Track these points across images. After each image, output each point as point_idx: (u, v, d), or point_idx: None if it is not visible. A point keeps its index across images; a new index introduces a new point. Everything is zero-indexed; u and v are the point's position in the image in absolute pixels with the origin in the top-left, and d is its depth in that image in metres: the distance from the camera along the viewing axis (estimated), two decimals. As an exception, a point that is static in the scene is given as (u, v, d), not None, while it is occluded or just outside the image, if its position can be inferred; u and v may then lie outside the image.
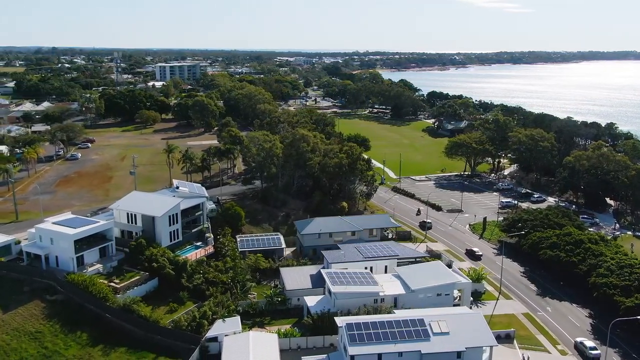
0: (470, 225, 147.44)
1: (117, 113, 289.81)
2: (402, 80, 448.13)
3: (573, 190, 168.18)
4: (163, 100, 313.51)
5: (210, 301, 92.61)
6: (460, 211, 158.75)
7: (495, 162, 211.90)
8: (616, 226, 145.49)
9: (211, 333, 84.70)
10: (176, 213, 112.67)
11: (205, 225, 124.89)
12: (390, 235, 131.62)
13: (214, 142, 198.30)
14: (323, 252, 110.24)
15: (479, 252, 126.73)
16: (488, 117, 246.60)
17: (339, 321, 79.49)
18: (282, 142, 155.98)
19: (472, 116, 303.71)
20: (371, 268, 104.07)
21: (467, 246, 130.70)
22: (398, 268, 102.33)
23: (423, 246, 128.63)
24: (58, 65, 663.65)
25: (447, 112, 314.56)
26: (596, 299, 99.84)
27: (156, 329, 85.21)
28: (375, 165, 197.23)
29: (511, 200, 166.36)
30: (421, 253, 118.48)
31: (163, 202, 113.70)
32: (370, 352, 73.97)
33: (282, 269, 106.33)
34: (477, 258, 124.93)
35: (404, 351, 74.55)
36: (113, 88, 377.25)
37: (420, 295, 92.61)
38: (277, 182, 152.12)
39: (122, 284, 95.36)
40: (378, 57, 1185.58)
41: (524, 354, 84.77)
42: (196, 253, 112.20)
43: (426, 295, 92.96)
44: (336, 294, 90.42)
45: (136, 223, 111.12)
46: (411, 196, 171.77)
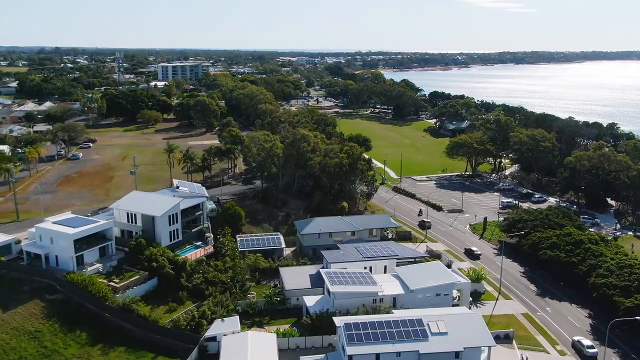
0: (470, 225, 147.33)
1: (119, 113, 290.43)
2: (404, 80, 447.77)
3: (574, 190, 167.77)
4: (165, 100, 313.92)
5: (209, 301, 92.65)
6: (460, 211, 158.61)
7: (496, 162, 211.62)
8: (617, 226, 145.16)
9: (210, 333, 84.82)
10: (176, 213, 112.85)
11: (205, 225, 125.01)
12: (390, 235, 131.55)
13: (216, 142, 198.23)
14: (322, 252, 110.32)
15: (478, 252, 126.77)
16: (489, 117, 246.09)
17: (338, 321, 79.50)
18: (283, 142, 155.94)
19: (474, 116, 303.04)
20: (370, 268, 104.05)
21: (467, 246, 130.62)
22: (397, 268, 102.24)
23: (423, 246, 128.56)
24: (61, 65, 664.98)
25: (449, 112, 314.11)
26: (596, 300, 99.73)
27: (155, 329, 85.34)
28: (376, 165, 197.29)
29: (512, 200, 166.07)
30: (421, 253, 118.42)
31: (163, 202, 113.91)
32: (368, 352, 73.97)
33: (282, 269, 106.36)
34: (476, 257, 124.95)
35: (402, 351, 74.55)
36: (115, 88, 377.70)
37: (419, 295, 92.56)
38: (278, 182, 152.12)
39: (122, 284, 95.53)
40: (380, 57, 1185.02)
41: (523, 354, 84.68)
42: (196, 253, 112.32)
43: (425, 295, 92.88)
44: (335, 294, 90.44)
45: (136, 223, 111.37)
46: (412, 196, 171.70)
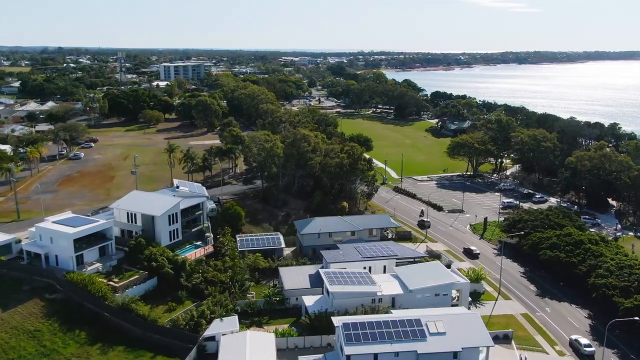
0: (471, 225, 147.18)
1: (121, 113, 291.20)
2: (406, 80, 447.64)
3: (575, 190, 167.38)
4: (167, 100, 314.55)
5: (208, 300, 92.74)
6: (461, 211, 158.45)
7: (497, 163, 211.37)
8: (618, 227, 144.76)
9: (209, 332, 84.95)
10: (176, 212, 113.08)
11: (205, 224, 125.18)
12: (390, 235, 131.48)
13: (217, 142, 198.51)
14: (322, 252, 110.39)
15: (477, 251, 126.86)
16: (490, 117, 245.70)
17: (336, 321, 79.52)
18: (283, 142, 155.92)
19: (476, 116, 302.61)
20: (370, 268, 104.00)
21: (466, 245, 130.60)
22: (396, 268, 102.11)
23: (423, 246, 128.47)
24: (63, 65, 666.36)
25: (451, 112, 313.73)
26: (595, 300, 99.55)
27: (154, 328, 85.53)
28: (377, 165, 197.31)
29: (513, 200, 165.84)
30: (420, 253, 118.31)
31: (163, 202, 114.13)
32: (366, 352, 73.98)
33: (281, 269, 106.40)
34: (475, 256, 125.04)
35: (400, 351, 74.52)
36: (117, 88, 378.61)
37: (418, 295, 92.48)
38: (278, 182, 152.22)
39: (121, 283, 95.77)
40: (383, 57, 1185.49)
41: (522, 355, 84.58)
42: (195, 252, 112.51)
43: (424, 295, 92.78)
44: (334, 294, 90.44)
45: (136, 222, 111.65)
46: (412, 196, 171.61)
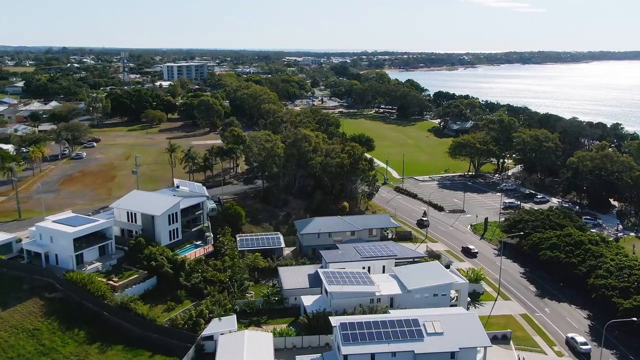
0: (471, 225, 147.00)
1: (124, 112, 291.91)
2: (409, 80, 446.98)
3: (576, 191, 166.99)
4: (169, 100, 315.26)
5: (207, 300, 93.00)
6: (462, 211, 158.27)
7: (499, 163, 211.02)
8: (619, 227, 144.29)
9: (207, 332, 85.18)
10: (176, 212, 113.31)
11: (205, 224, 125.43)
12: (390, 235, 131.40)
13: (219, 142, 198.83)
14: (321, 252, 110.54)
15: (475, 250, 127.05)
16: (493, 117, 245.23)
17: (334, 321, 79.66)
18: (284, 142, 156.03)
19: (478, 116, 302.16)
20: (369, 268, 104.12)
21: (464, 244, 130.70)
22: (395, 268, 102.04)
23: (423, 246, 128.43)
24: (67, 65, 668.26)
25: (453, 112, 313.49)
26: (595, 301, 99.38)
27: (153, 327, 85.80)
28: (378, 165, 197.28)
29: (514, 200, 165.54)
30: (420, 253, 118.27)
31: (163, 201, 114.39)
32: (363, 352, 74.08)
33: (281, 268, 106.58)
34: (473, 255, 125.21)
35: (398, 351, 74.60)
36: (120, 88, 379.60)
37: (416, 295, 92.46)
38: (279, 182, 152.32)
39: (121, 282, 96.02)
40: (386, 57, 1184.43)
41: (520, 355, 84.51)
42: (195, 252, 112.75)
43: (422, 295, 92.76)
44: (332, 294, 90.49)
45: (136, 222, 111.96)
46: (413, 196, 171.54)
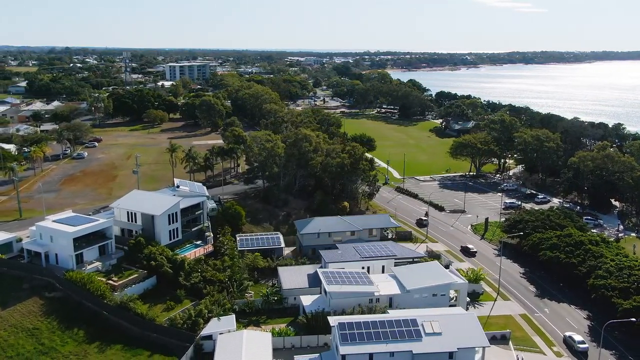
0: (472, 225, 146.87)
1: (126, 112, 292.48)
2: (411, 80, 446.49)
3: (578, 191, 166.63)
4: (171, 99, 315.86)
5: (206, 299, 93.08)
6: (463, 212, 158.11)
7: (500, 163, 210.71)
8: (620, 228, 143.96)
9: (206, 331, 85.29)
10: (176, 212, 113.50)
11: (205, 224, 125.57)
12: (390, 235, 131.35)
13: (220, 142, 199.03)
14: (320, 252, 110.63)
15: (474, 249, 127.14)
16: (494, 118, 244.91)
17: (332, 320, 79.66)
18: (285, 142, 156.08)
19: (480, 116, 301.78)
20: (368, 268, 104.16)
21: (463, 243, 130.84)
22: (394, 268, 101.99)
23: (423, 246, 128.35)
24: (70, 65, 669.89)
25: (455, 113, 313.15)
26: (594, 301, 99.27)
27: (152, 327, 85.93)
28: (379, 165, 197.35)
29: (515, 201, 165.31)
30: (419, 253, 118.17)
31: (163, 201, 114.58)
32: (361, 352, 74.12)
33: (280, 268, 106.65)
34: (472, 254, 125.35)
35: (396, 351, 74.63)
36: (122, 88, 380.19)
37: (415, 295, 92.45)
38: (279, 182, 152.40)
39: (120, 282, 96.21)
40: (389, 57, 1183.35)
41: (518, 355, 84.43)
42: (195, 252, 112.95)
43: (421, 295, 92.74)
44: (331, 294, 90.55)
45: (136, 221, 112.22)
46: (414, 196, 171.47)
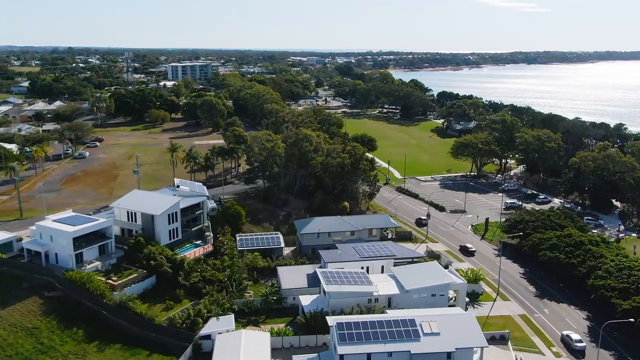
0: (472, 225, 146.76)
1: (127, 112, 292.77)
2: (413, 80, 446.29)
3: (578, 191, 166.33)
4: (173, 99, 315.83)
5: (206, 299, 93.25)
6: (463, 212, 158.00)
7: (502, 163, 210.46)
8: (621, 228, 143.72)
9: (205, 331, 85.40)
10: (175, 212, 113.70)
11: (205, 224, 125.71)
12: (390, 235, 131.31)
13: (221, 142, 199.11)
14: (320, 252, 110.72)
15: (472, 248, 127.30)
16: (495, 118, 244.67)
17: (330, 320, 79.63)
18: (285, 142, 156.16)
19: (482, 116, 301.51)
20: (367, 268, 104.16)
21: (462, 243, 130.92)
22: (394, 268, 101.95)
23: (423, 246, 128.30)
24: (73, 65, 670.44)
25: (456, 113, 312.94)
26: (594, 301, 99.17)
27: (151, 326, 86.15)
28: (380, 165, 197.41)
29: (516, 201, 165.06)
30: (419, 253, 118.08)
31: (162, 201, 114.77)
32: (359, 352, 74.05)
33: (279, 268, 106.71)
34: (471, 254, 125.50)
35: (394, 351, 74.55)
36: (124, 88, 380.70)
37: (414, 295, 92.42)
38: (280, 182, 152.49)
39: (120, 282, 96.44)
40: (391, 57, 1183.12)
41: (517, 356, 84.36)
42: (195, 251, 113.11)
43: (420, 295, 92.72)
44: (330, 294, 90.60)
45: (136, 221, 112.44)
46: (415, 196, 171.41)
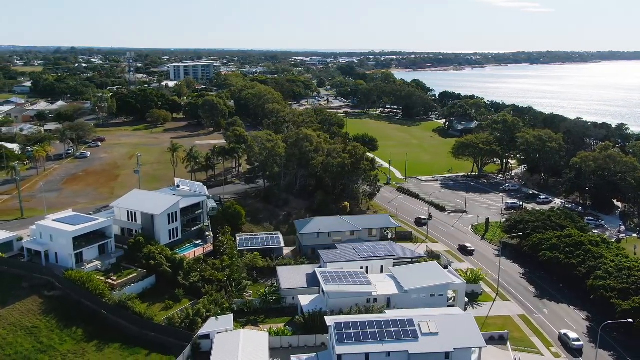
0: (473, 226, 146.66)
1: (129, 112, 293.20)
2: (415, 80, 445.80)
3: (579, 191, 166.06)
4: (174, 99, 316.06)
5: (205, 299, 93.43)
6: (464, 212, 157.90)
7: (503, 163, 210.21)
8: (621, 228, 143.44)
9: (203, 330, 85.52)
10: (175, 211, 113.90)
11: (205, 223, 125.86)
12: (390, 235, 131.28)
13: (222, 142, 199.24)
14: (319, 252, 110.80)
15: (471, 248, 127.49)
16: (497, 118, 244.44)
17: (329, 320, 79.70)
18: (286, 142, 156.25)
19: (483, 116, 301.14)
20: (367, 268, 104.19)
21: (461, 242, 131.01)
22: (393, 268, 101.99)
23: (423, 246, 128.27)
24: (75, 65, 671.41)
25: (458, 113, 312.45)
26: (594, 302, 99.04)
27: (150, 326, 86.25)
28: (381, 165, 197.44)
29: (516, 201, 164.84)
30: (418, 253, 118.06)
31: (162, 201, 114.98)
32: (357, 352, 74.08)
33: (279, 268, 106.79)
34: (470, 253, 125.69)
35: (392, 351, 74.57)
36: (126, 87, 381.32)
37: (413, 295, 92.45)
38: (280, 182, 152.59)
39: (120, 281, 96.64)
40: (394, 57, 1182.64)
41: (516, 356, 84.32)
42: (195, 251, 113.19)
43: (419, 295, 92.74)
44: (329, 294, 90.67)
45: (136, 221, 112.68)
46: (416, 196, 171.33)
